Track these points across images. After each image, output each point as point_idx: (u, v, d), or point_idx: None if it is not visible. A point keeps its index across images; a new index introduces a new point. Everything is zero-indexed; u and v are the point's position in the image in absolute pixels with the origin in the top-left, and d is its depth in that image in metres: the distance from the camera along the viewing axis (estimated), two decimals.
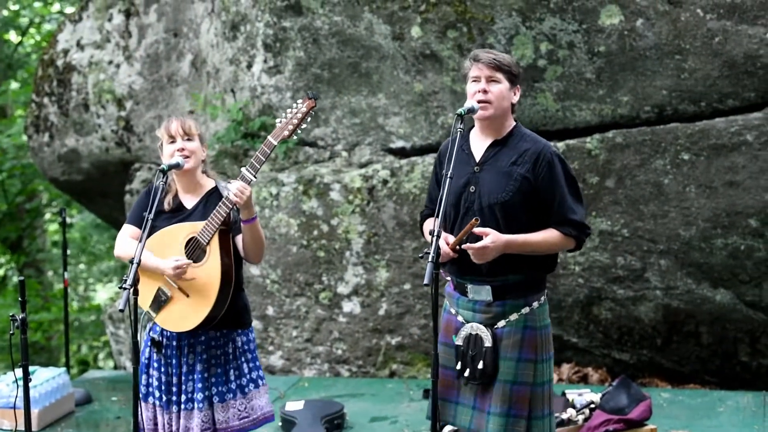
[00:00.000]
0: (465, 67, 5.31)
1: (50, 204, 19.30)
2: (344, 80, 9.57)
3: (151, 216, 5.23)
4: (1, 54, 18.36)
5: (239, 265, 5.57)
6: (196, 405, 5.52)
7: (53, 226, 20.47)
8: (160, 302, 5.54)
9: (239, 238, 5.48)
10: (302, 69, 9.64)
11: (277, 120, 5.30)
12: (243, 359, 5.61)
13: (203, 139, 5.70)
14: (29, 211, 18.66)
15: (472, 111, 5.12)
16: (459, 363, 5.19)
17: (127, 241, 5.69)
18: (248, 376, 5.63)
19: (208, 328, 5.51)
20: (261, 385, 5.70)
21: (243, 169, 5.30)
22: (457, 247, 5.04)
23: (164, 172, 5.39)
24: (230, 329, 5.58)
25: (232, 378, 5.57)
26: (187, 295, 5.48)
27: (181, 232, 5.51)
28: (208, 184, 5.67)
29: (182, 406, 5.56)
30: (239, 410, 5.57)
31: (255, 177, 5.29)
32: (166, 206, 5.63)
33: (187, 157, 5.53)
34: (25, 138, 13.67)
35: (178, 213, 5.62)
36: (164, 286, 5.54)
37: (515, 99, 5.24)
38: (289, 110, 5.28)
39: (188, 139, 5.57)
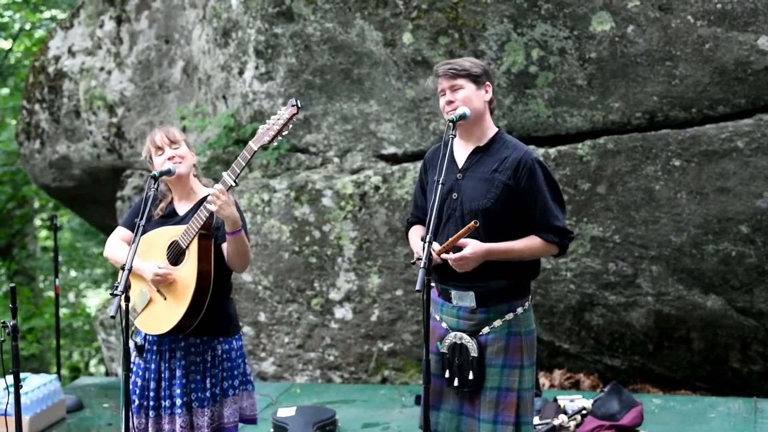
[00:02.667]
0: (430, 86, 5.34)
1: (41, 210, 19.27)
2: (336, 86, 9.56)
3: (143, 223, 5.25)
4: None
5: (224, 273, 5.56)
6: (176, 411, 5.52)
7: (43, 233, 20.44)
8: (140, 304, 5.55)
9: (225, 246, 5.47)
10: (294, 75, 9.64)
11: (261, 127, 5.30)
12: (221, 368, 5.59)
13: (190, 144, 5.70)
14: (19, 218, 18.63)
15: (464, 117, 5.12)
16: (447, 371, 5.19)
17: (117, 243, 5.72)
18: (221, 385, 5.59)
19: (189, 334, 5.51)
20: (231, 395, 5.64)
21: (224, 174, 5.28)
22: (443, 254, 5.01)
23: (155, 179, 5.40)
24: (211, 336, 5.57)
25: (208, 386, 5.55)
26: (165, 298, 5.49)
27: (165, 235, 5.52)
28: (202, 191, 5.65)
29: (165, 411, 5.57)
30: (210, 419, 5.55)
31: (235, 182, 5.25)
32: (159, 212, 5.64)
33: (178, 162, 5.53)
34: (15, 145, 13.64)
35: (170, 219, 5.63)
36: (145, 287, 5.56)
37: (487, 96, 5.22)
38: (273, 116, 5.27)
39: (176, 147, 5.57)
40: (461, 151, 5.27)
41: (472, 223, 4.90)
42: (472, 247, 4.95)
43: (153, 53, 10.97)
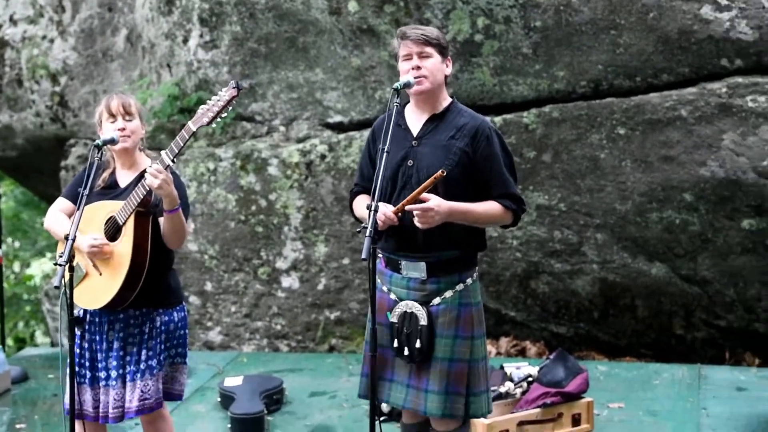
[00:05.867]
0: (394, 47, 5.32)
1: None
2: (281, 55, 9.51)
3: (86, 192, 5.19)
4: None
5: (164, 245, 5.50)
6: (110, 382, 5.51)
7: None
8: (77, 278, 5.46)
9: (161, 221, 5.44)
10: (239, 44, 9.57)
11: (201, 107, 5.23)
12: (158, 339, 5.55)
13: (143, 116, 5.66)
14: None
15: (408, 85, 5.12)
16: (396, 341, 5.18)
17: (57, 214, 5.68)
18: (158, 358, 5.55)
19: (127, 307, 5.48)
20: (157, 371, 5.56)
21: (162, 153, 5.23)
22: (399, 214, 4.99)
23: (99, 148, 5.34)
24: (150, 308, 5.54)
25: (143, 358, 5.51)
26: (101, 274, 5.46)
27: (103, 209, 5.48)
28: (145, 162, 5.58)
29: (100, 382, 5.56)
30: (141, 391, 5.50)
31: (173, 161, 5.17)
32: (101, 183, 5.60)
33: (127, 136, 5.49)
34: None
35: (111, 190, 5.58)
36: (81, 261, 5.51)
37: (448, 71, 5.25)
38: (213, 97, 5.20)
39: (129, 119, 5.52)
40: (415, 119, 5.27)
41: (439, 172, 4.88)
42: (437, 200, 4.95)
43: (96, 21, 10.85)
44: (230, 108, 5.20)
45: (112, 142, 5.42)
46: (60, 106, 11.13)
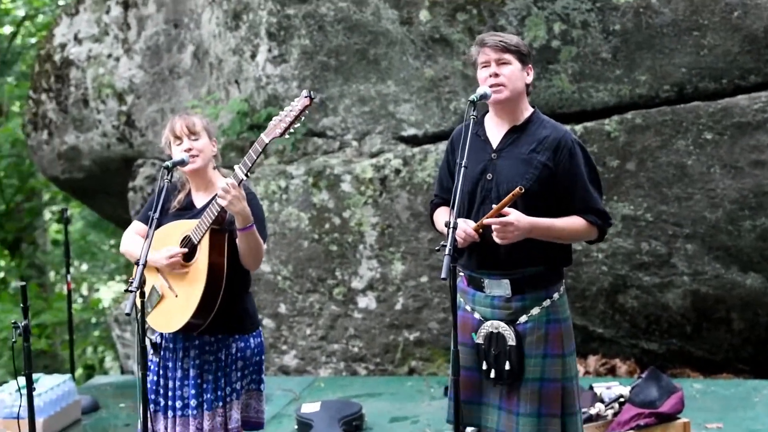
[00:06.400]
0: (472, 54, 5.15)
1: (50, 202, 19.01)
2: (352, 68, 9.42)
3: (156, 215, 5.12)
4: None
5: (241, 266, 5.36)
6: (190, 412, 5.40)
7: (54, 226, 20.22)
8: (153, 301, 5.41)
9: (239, 242, 5.32)
10: (308, 57, 9.50)
11: (273, 119, 5.13)
12: (234, 367, 5.44)
13: (211, 134, 5.53)
14: (28, 211, 18.44)
15: (485, 97, 4.94)
16: (484, 363, 5.01)
17: (132, 237, 5.58)
18: (233, 386, 5.44)
19: (203, 332, 5.37)
20: (235, 399, 5.47)
21: (235, 167, 5.14)
22: (480, 230, 4.82)
23: (168, 170, 5.22)
24: (226, 334, 5.42)
25: (221, 386, 5.41)
26: (176, 295, 5.35)
27: (178, 229, 5.38)
28: (220, 181, 5.44)
29: (178, 413, 5.45)
30: (220, 420, 5.40)
31: (247, 176, 5.11)
32: (176, 204, 5.49)
33: (194, 156, 5.38)
34: (21, 134, 13.54)
35: (187, 212, 5.46)
36: (158, 284, 5.41)
37: (529, 79, 5.08)
38: (286, 108, 5.10)
39: (195, 139, 5.41)
40: (495, 130, 5.09)
41: (517, 189, 4.71)
42: (516, 214, 4.76)
43: (162, 38, 10.82)
44: (302, 118, 5.10)
45: (182, 163, 5.33)
46: (127, 125, 11.11)
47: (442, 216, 5.16)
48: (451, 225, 4.64)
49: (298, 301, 9.56)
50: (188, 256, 5.31)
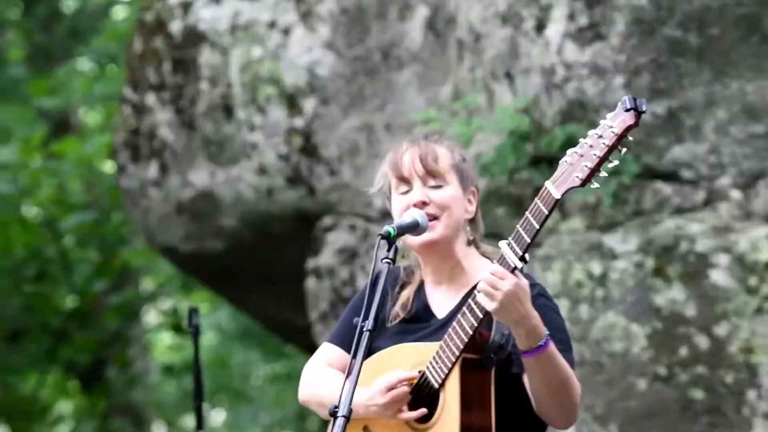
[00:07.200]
0: None
1: (157, 295, 14.08)
2: (729, 50, 7.06)
3: (370, 326, 3.62)
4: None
5: (522, 428, 3.84)
6: None
7: (165, 338, 14.90)
8: None
9: (526, 380, 3.82)
10: (644, 31, 7.11)
11: (568, 153, 3.45)
12: None
13: (467, 177, 3.81)
14: (117, 309, 13.06)
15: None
16: None
17: (322, 372, 3.91)
18: None
19: None
20: None
21: (502, 244, 3.58)
22: None
23: (390, 241, 3.62)
24: None
25: None
26: None
27: (404, 358, 3.80)
28: (478, 266, 3.81)
29: None
30: None
31: (525, 259, 3.53)
32: (400, 310, 3.86)
33: (435, 217, 3.71)
34: (107, 167, 10.80)
35: (419, 324, 3.86)
36: None
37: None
38: (591, 132, 3.37)
39: (436, 185, 3.77)
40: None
41: None
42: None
43: None
44: (623, 151, 3.48)
45: (414, 228, 3.77)
46: (303, 153, 8.35)
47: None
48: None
49: None
50: (424, 413, 3.88)
